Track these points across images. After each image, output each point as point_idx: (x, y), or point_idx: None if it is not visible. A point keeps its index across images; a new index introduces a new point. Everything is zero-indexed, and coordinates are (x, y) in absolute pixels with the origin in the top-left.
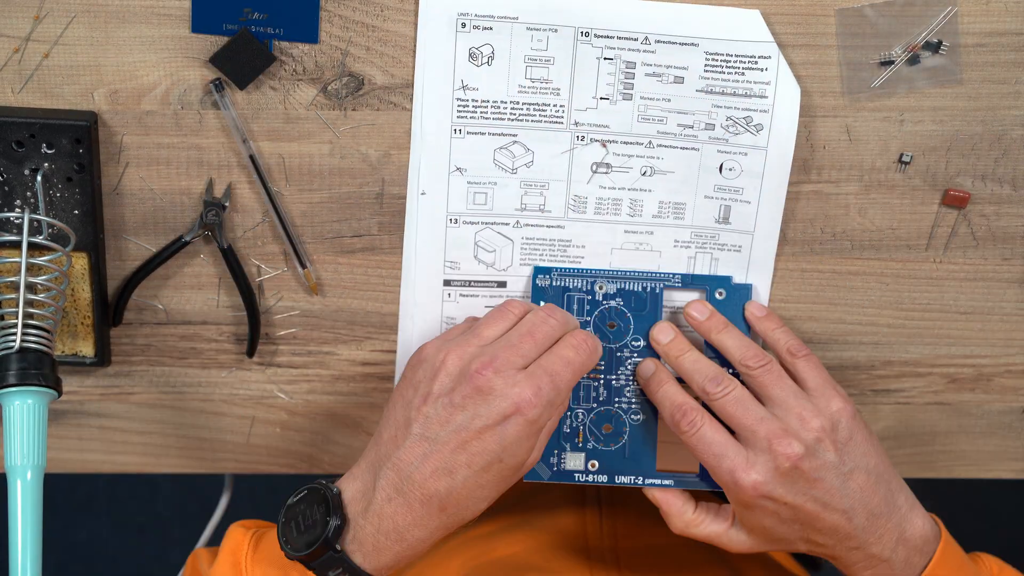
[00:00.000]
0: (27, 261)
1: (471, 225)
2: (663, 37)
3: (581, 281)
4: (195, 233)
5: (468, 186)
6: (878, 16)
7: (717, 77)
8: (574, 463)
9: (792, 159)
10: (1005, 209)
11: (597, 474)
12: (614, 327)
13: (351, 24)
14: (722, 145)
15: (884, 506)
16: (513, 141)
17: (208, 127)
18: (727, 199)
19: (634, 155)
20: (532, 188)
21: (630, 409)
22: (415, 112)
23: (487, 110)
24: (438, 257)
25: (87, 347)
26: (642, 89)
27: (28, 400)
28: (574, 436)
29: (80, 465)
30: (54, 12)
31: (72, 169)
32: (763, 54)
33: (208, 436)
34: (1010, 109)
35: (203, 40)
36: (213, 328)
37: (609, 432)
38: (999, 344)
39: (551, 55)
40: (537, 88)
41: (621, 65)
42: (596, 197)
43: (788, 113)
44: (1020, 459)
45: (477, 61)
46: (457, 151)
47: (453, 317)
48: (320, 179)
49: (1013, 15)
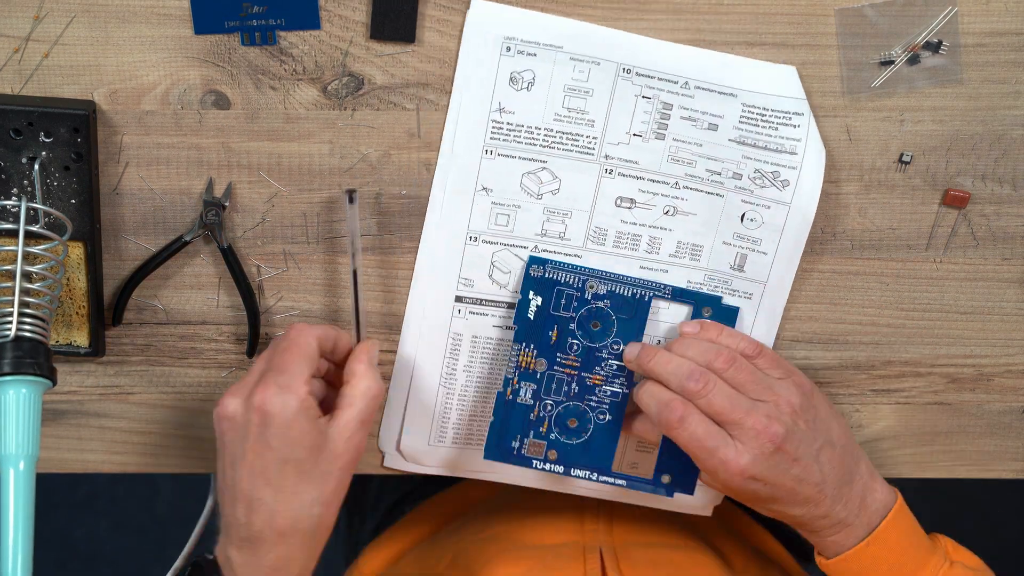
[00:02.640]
0: (23, 249)
1: (490, 245)
2: (703, 84)
3: (574, 278)
4: (195, 233)
5: (492, 206)
6: (878, 16)
7: (751, 129)
8: (534, 450)
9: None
10: (1005, 209)
11: (555, 464)
12: (597, 327)
13: (351, 24)
14: (747, 195)
15: (848, 474)
16: (542, 167)
17: (208, 127)
18: (745, 248)
19: (659, 193)
20: (555, 215)
21: (599, 408)
22: (447, 128)
23: (520, 134)
24: (453, 272)
25: (82, 337)
26: (676, 131)
27: (23, 389)
28: (539, 424)
29: (80, 465)
30: (54, 12)
31: (70, 158)
32: (797, 111)
33: (208, 436)
34: (1010, 109)
35: (202, 40)
36: (213, 328)
37: (574, 427)
38: (999, 344)
39: (591, 87)
40: (573, 118)
41: (658, 105)
42: (616, 231)
43: (814, 172)
44: (1020, 459)
45: (517, 85)
46: (486, 171)
47: (460, 334)
48: (320, 179)
49: (1013, 15)
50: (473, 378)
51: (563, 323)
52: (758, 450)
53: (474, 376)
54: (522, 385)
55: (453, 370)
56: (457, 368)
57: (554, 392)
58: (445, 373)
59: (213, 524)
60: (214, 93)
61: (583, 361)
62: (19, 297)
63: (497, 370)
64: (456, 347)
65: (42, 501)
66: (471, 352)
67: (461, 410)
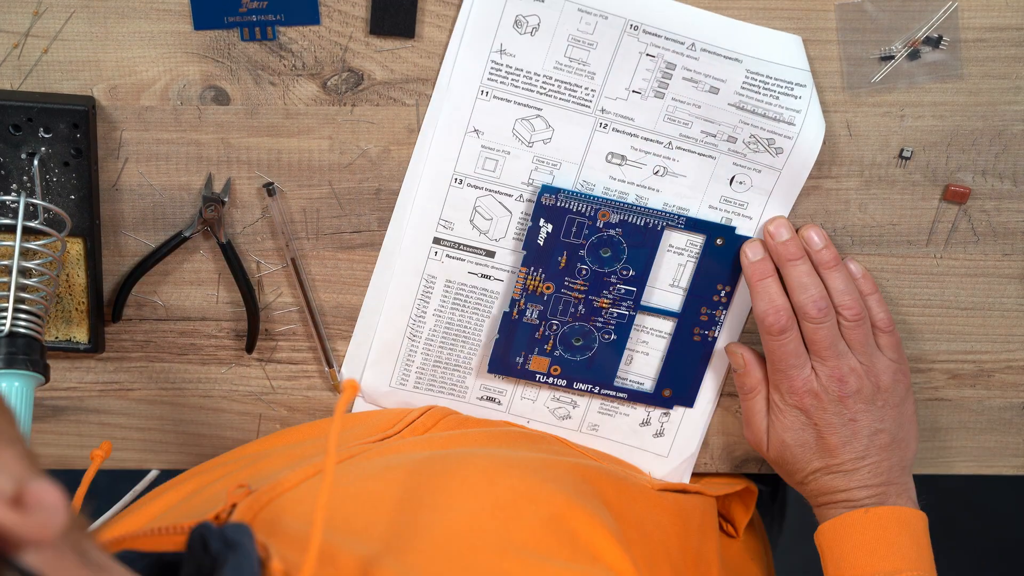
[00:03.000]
0: (21, 245)
1: (474, 189)
2: (710, 47)
3: (586, 207)
4: (194, 229)
5: (482, 150)
6: (878, 11)
7: (752, 96)
8: (538, 365)
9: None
10: (1006, 204)
11: (558, 378)
12: (607, 253)
13: (350, 19)
14: (738, 158)
15: (888, 475)
16: (537, 115)
17: (207, 123)
18: (730, 212)
19: (651, 152)
20: (544, 164)
21: (604, 328)
22: (446, 61)
23: (518, 79)
24: (434, 212)
25: (81, 333)
26: (676, 91)
27: (15, 383)
28: (544, 343)
29: (80, 462)
30: (53, 7)
31: (69, 154)
32: (800, 82)
33: (208, 432)
34: (1010, 104)
35: (201, 36)
36: (212, 324)
37: (578, 344)
38: (1000, 340)
39: (595, 40)
40: (574, 68)
41: (662, 64)
42: (604, 186)
43: (811, 144)
44: (1021, 455)
45: (521, 29)
46: (479, 112)
47: (434, 277)
48: (320, 175)
49: (1013, 10)
50: (442, 323)
51: (573, 249)
52: (826, 388)
53: (443, 322)
54: (528, 307)
55: (423, 313)
56: (427, 312)
57: (560, 313)
58: (414, 315)
59: None
60: (213, 89)
61: (591, 285)
62: (14, 293)
63: (468, 317)
64: (428, 290)
65: None
66: (443, 296)
67: (426, 355)
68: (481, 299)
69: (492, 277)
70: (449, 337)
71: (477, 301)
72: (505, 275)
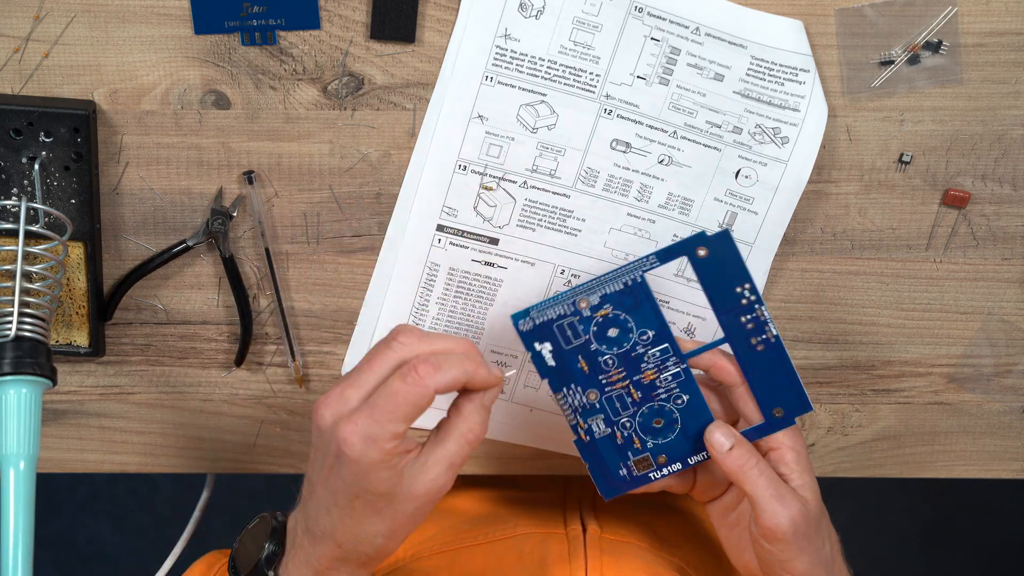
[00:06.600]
0: (23, 249)
1: (479, 175)
2: (715, 32)
3: (563, 308)
4: (199, 239)
5: (486, 136)
6: (878, 16)
7: (757, 83)
8: (643, 466)
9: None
10: (1005, 209)
11: (668, 466)
12: (615, 332)
13: (351, 24)
14: (745, 151)
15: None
16: (541, 100)
17: (207, 127)
18: (736, 206)
19: (656, 141)
20: (548, 151)
21: (671, 397)
22: (450, 47)
23: (523, 64)
24: (438, 199)
25: (82, 337)
26: (680, 78)
27: (23, 389)
28: (630, 444)
29: (80, 465)
30: (54, 12)
31: (70, 158)
32: (803, 67)
33: (208, 436)
34: (1010, 109)
35: (202, 40)
36: (213, 328)
37: (660, 426)
38: (999, 344)
39: (600, 22)
40: (579, 52)
41: (666, 49)
42: (608, 174)
43: (815, 130)
44: (1020, 459)
45: (526, 12)
46: (483, 98)
47: (438, 264)
48: (320, 179)
49: (1013, 15)
50: (445, 311)
51: (583, 350)
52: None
53: (446, 310)
54: (590, 422)
55: (426, 301)
56: (430, 300)
57: (621, 411)
58: (417, 303)
59: (208, 523)
60: (214, 93)
61: (626, 368)
62: (19, 297)
63: (471, 306)
64: (432, 278)
65: (42, 501)
66: (446, 284)
67: None
68: (484, 287)
69: (496, 265)
70: (452, 325)
71: (480, 289)
72: (508, 263)
